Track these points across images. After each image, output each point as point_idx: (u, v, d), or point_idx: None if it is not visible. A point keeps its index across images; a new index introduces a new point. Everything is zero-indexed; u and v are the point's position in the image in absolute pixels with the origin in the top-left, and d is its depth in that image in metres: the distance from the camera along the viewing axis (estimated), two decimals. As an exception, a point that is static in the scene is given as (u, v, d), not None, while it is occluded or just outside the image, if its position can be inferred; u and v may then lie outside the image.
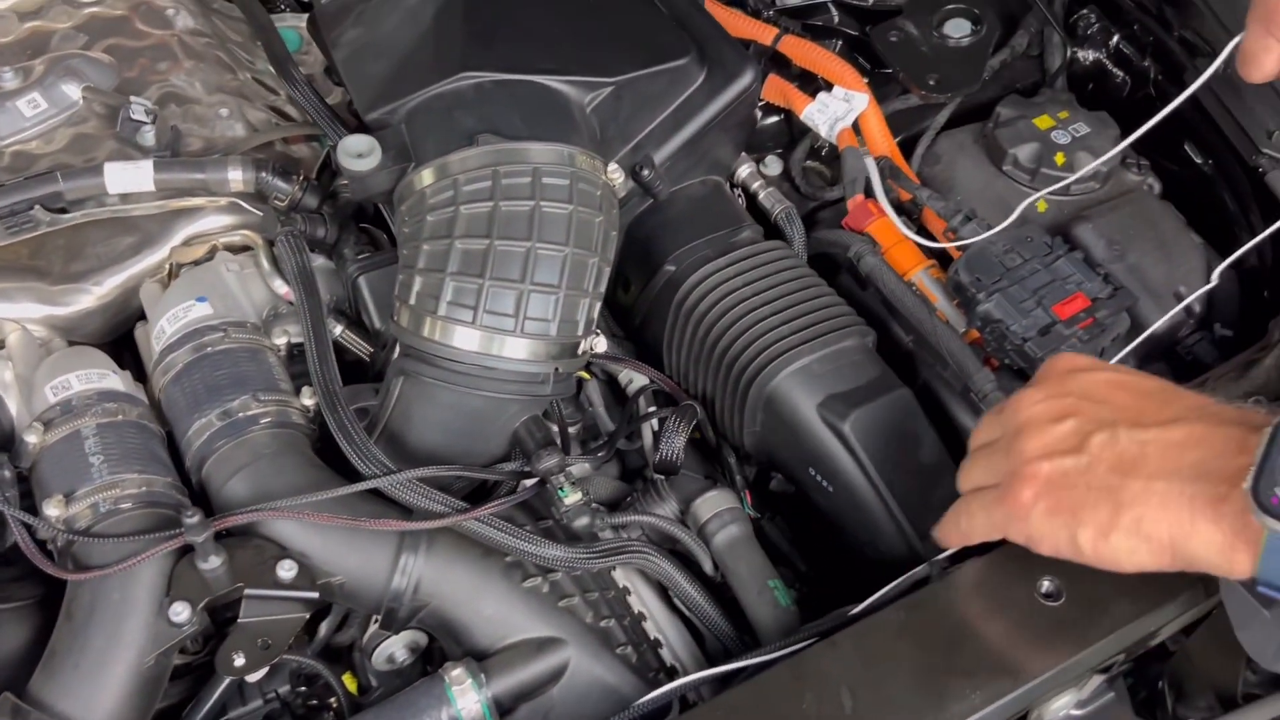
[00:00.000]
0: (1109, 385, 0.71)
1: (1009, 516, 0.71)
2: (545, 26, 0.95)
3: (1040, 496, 0.69)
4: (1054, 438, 0.69)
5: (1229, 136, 1.03)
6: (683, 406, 0.98)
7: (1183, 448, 0.65)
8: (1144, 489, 0.65)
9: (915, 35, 1.17)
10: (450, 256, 0.83)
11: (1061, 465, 0.68)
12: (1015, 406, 0.73)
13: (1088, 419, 0.69)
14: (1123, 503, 0.66)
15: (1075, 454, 0.68)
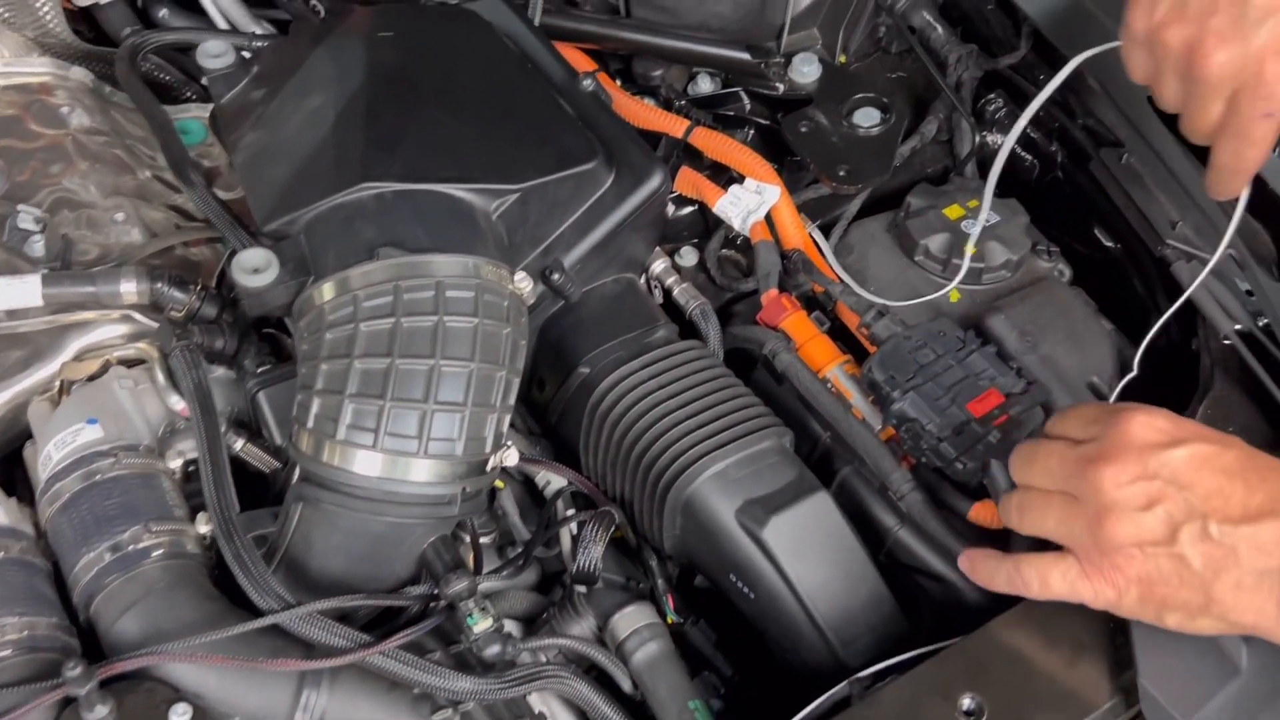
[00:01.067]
0: (1193, 465, 0.72)
1: (1096, 594, 0.74)
2: (449, 131, 0.93)
3: (1132, 584, 0.73)
4: (1143, 527, 0.71)
5: (1134, 226, 1.04)
6: (600, 513, 0.96)
7: (1274, 547, 0.69)
8: (1234, 587, 0.70)
9: (825, 125, 1.17)
10: (349, 377, 0.80)
11: (1154, 558, 0.71)
12: (1098, 481, 0.73)
13: (1176, 508, 0.71)
14: (1212, 598, 0.71)
15: (1166, 545, 0.71)
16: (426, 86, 0.96)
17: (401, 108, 0.94)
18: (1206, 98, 0.84)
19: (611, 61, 1.27)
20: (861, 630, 0.90)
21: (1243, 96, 0.82)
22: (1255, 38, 0.80)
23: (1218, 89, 0.82)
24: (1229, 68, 0.81)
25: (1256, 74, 0.80)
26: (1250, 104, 0.81)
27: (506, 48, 1.03)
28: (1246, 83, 0.81)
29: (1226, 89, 0.82)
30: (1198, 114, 0.85)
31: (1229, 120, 0.83)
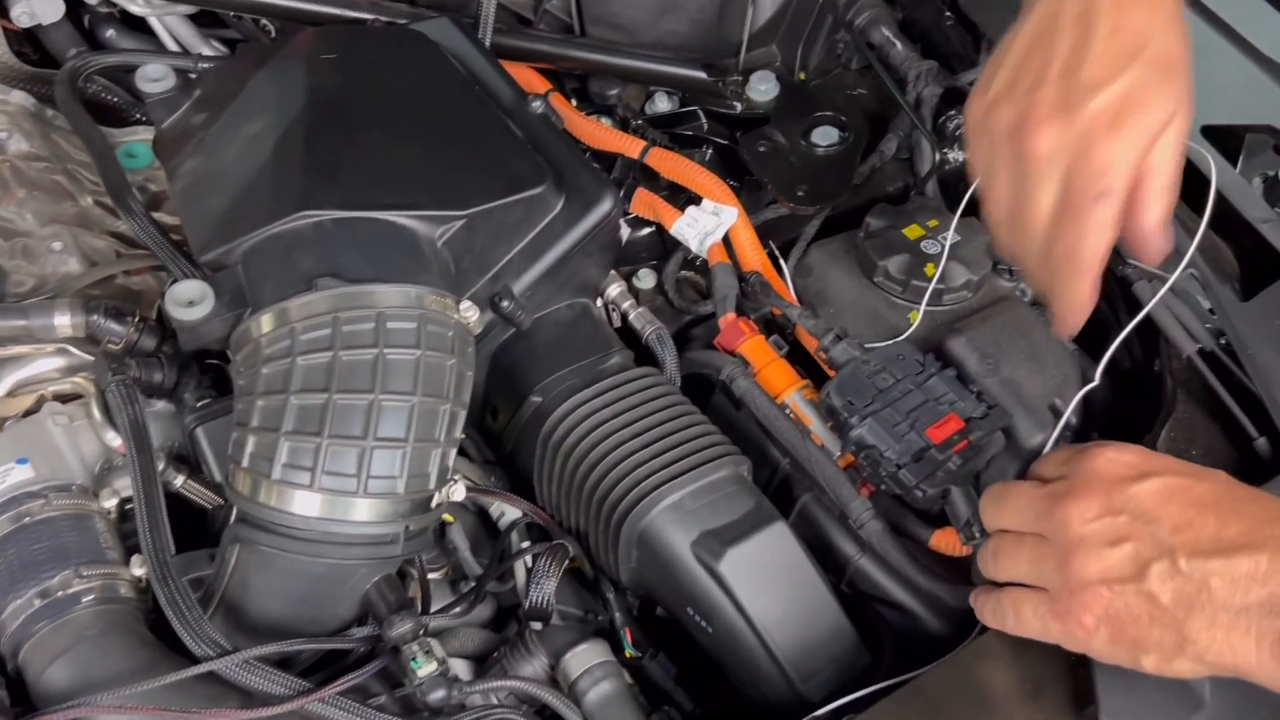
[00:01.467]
0: (1160, 497, 0.69)
1: (1067, 634, 0.71)
2: (393, 157, 0.90)
3: (1101, 623, 0.69)
4: (1111, 563, 0.69)
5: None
6: (552, 546, 0.93)
7: (1249, 582, 0.65)
8: (1208, 625, 0.66)
9: (783, 144, 1.15)
10: (285, 414, 0.78)
11: (1122, 595, 0.68)
12: (1064, 518, 0.71)
13: (1144, 544, 0.68)
14: (1186, 638, 0.67)
15: (1135, 582, 0.68)
16: (370, 110, 0.94)
17: (343, 133, 0.91)
18: (1036, 180, 0.74)
19: (567, 81, 1.25)
20: (822, 663, 0.87)
21: (1073, 176, 0.73)
22: (1084, 111, 0.72)
23: (1046, 170, 0.73)
24: (1054, 143, 0.73)
25: (1085, 150, 0.72)
26: (1081, 183, 0.72)
27: (454, 70, 1.01)
28: (1075, 161, 0.72)
29: (1056, 169, 0.73)
30: (1029, 205, 0.75)
31: (1063, 207, 0.74)
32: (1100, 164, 0.72)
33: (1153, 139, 0.72)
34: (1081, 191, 0.72)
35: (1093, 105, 0.72)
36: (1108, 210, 0.72)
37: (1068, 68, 0.73)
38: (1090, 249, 0.74)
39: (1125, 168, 0.72)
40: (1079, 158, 0.72)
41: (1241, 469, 0.91)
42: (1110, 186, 0.72)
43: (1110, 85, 0.72)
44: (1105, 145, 0.72)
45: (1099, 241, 0.73)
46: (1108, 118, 0.72)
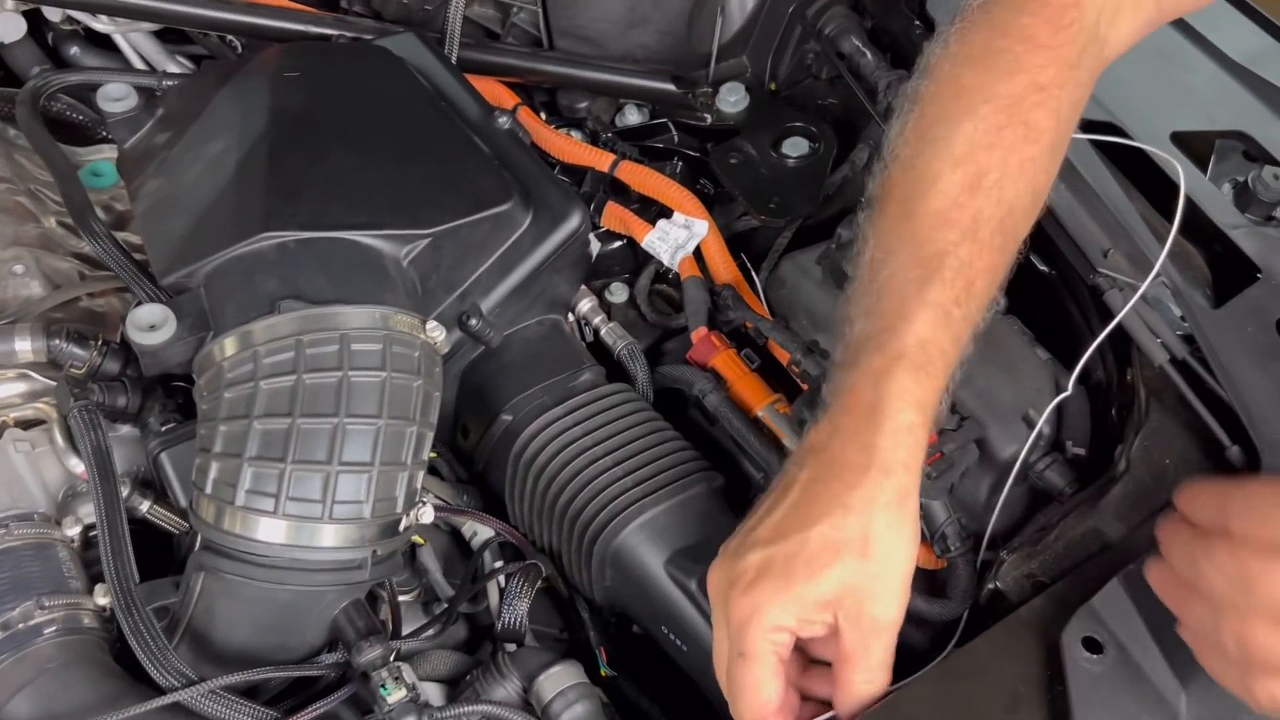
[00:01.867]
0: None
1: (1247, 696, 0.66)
2: (357, 175, 0.89)
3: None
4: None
5: (1067, 255, 1.02)
6: (525, 566, 0.93)
7: None
8: None
9: (754, 156, 1.15)
10: (248, 439, 0.76)
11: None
12: (1257, 587, 0.64)
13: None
14: None
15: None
16: (333, 128, 0.93)
17: (306, 152, 0.90)
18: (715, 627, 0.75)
19: (537, 94, 1.24)
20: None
21: (726, 635, 0.73)
22: (735, 566, 0.73)
23: (717, 614, 0.74)
24: (714, 589, 0.74)
25: (728, 603, 0.72)
26: (730, 633, 0.72)
27: (420, 86, 1.00)
28: (725, 612, 0.73)
29: (719, 617, 0.74)
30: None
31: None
32: (734, 620, 0.72)
33: (801, 609, 0.70)
34: (729, 649, 0.73)
35: (744, 560, 0.72)
36: (744, 672, 0.71)
37: (753, 524, 0.74)
38: (742, 707, 0.72)
39: (759, 628, 0.70)
40: (722, 612, 0.73)
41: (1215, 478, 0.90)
42: (740, 648, 0.71)
43: (764, 546, 0.72)
44: (738, 601, 0.71)
45: (748, 703, 0.72)
46: (750, 574, 0.71)
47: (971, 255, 0.77)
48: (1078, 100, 0.84)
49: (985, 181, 0.78)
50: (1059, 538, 0.87)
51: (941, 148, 0.79)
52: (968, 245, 0.77)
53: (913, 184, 0.79)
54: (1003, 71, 0.80)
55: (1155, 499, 0.89)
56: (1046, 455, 0.97)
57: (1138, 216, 1.03)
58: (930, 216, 0.78)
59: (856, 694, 0.72)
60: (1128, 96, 1.15)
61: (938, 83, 0.82)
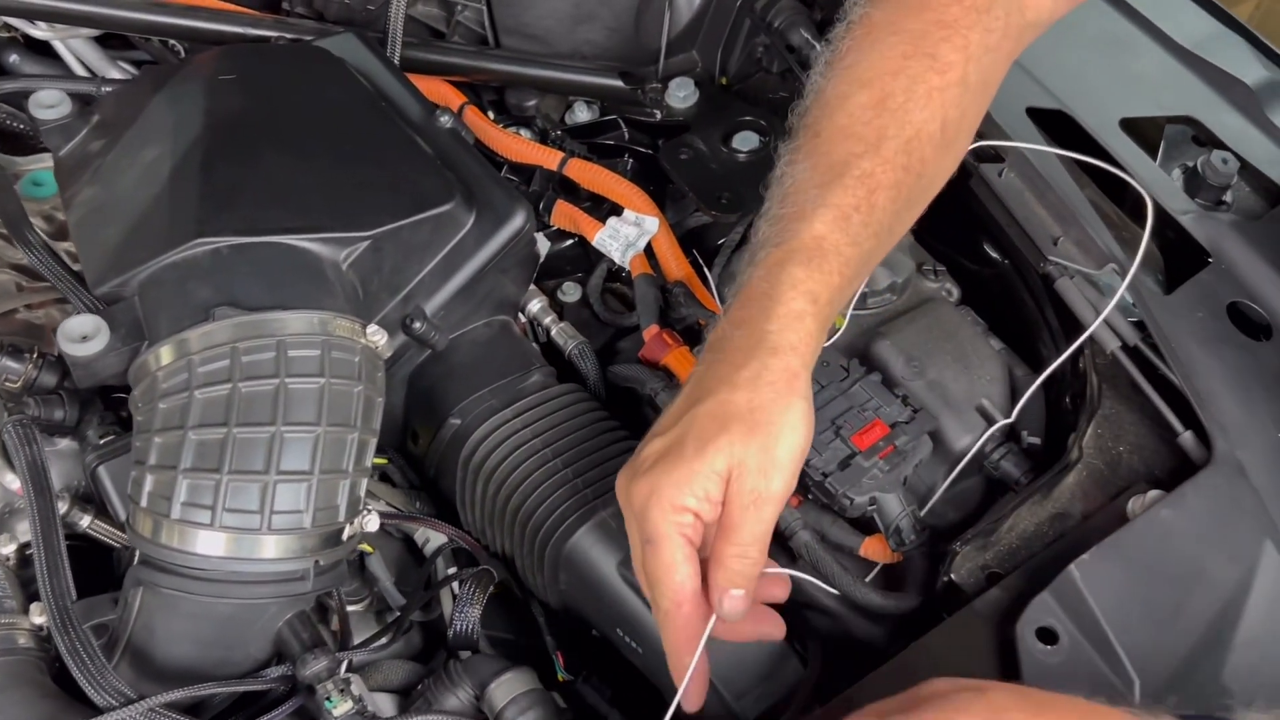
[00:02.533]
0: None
1: None
2: (294, 178, 0.88)
3: None
4: None
5: (1017, 244, 1.02)
6: (477, 572, 0.91)
7: None
8: None
9: (704, 151, 1.14)
10: (184, 450, 0.75)
11: None
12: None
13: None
14: None
15: None
16: (270, 131, 0.91)
17: (241, 156, 0.88)
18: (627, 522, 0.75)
19: (485, 93, 1.23)
20: (753, 680, 0.86)
21: (635, 520, 0.74)
22: (637, 459, 0.74)
23: (628, 515, 0.75)
24: (620, 490, 0.75)
25: (630, 493, 0.73)
26: (635, 527, 0.74)
27: (360, 86, 0.98)
28: (631, 504, 0.73)
29: (630, 515, 0.74)
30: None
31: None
32: (636, 507, 0.72)
33: (698, 485, 0.70)
34: (637, 540, 0.73)
35: (642, 452, 0.73)
36: (654, 558, 0.71)
37: (650, 433, 0.75)
38: (659, 595, 0.72)
39: (660, 509, 0.70)
40: (627, 504, 0.74)
41: (1169, 464, 0.90)
42: (646, 534, 0.71)
43: (660, 434, 0.73)
44: (636, 487, 0.72)
45: (664, 586, 0.72)
46: (648, 462, 0.72)
47: (874, 167, 0.78)
48: (992, 48, 0.84)
49: (890, 103, 0.79)
50: (1013, 528, 0.86)
51: (849, 74, 0.82)
52: (870, 158, 0.78)
53: (820, 107, 0.82)
54: (911, 8, 0.83)
55: (1109, 486, 0.89)
56: (1002, 445, 0.97)
57: (1087, 203, 1.03)
58: (835, 131, 0.80)
59: (729, 569, 0.72)
60: (1077, 83, 1.15)
61: (850, 23, 0.86)
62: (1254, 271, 1.01)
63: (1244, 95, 1.15)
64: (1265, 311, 0.97)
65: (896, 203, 0.80)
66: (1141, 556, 0.81)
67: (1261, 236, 1.04)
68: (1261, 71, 1.19)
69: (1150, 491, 0.86)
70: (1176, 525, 0.83)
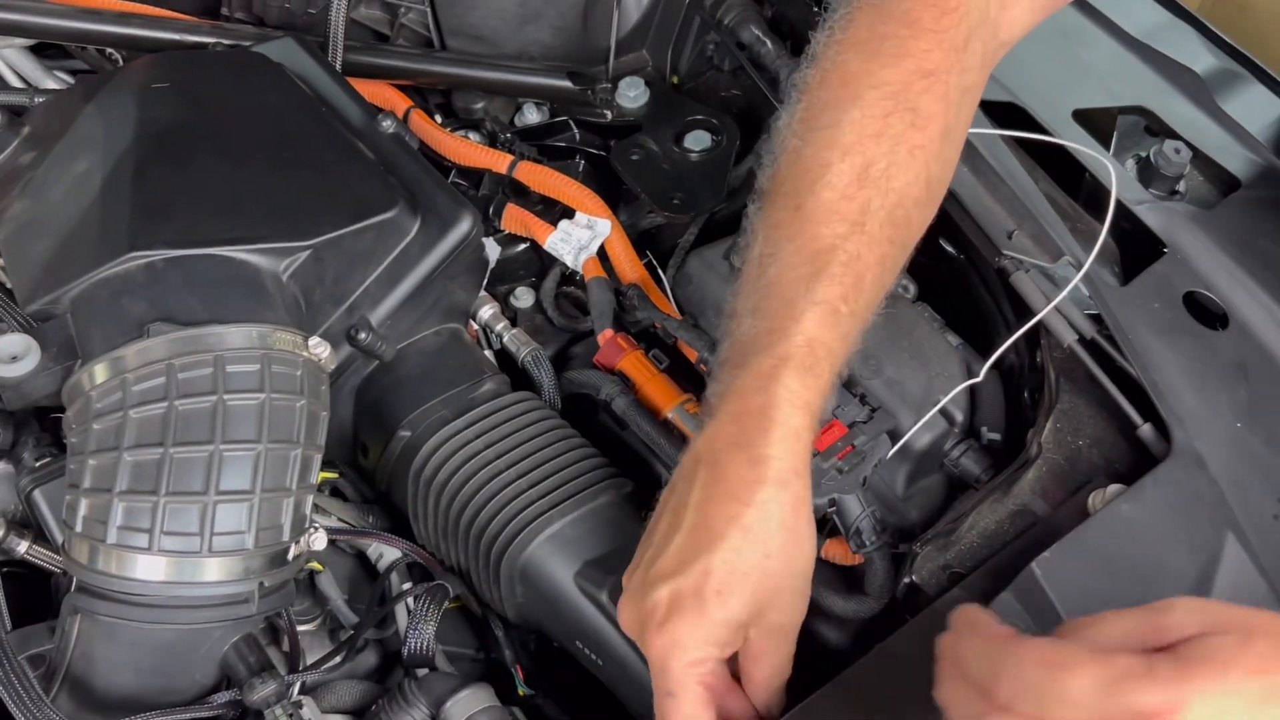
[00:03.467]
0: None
1: None
2: (230, 188, 0.85)
3: None
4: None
5: (972, 238, 1.01)
6: (431, 587, 0.89)
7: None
8: None
9: (656, 151, 1.12)
10: (119, 472, 0.72)
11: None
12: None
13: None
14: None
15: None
16: (205, 140, 0.89)
17: (175, 166, 0.86)
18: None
19: (432, 96, 1.20)
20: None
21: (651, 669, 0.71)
22: (645, 601, 0.71)
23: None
24: (628, 629, 0.73)
25: (646, 643, 0.71)
26: (654, 678, 0.71)
27: (299, 92, 0.96)
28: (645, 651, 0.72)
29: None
30: None
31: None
32: (655, 658, 0.70)
33: (718, 637, 0.69)
34: (655, 687, 0.71)
35: (652, 595, 0.70)
36: (673, 710, 0.69)
37: (653, 554, 0.72)
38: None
39: (681, 663, 0.69)
40: (648, 648, 0.71)
41: (1129, 457, 0.89)
42: (667, 687, 0.69)
43: (671, 579, 0.69)
44: (655, 639, 0.69)
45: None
46: (663, 609, 0.69)
47: (860, 249, 0.75)
48: (970, 86, 0.82)
49: (873, 171, 0.76)
50: (973, 527, 0.85)
51: (828, 137, 0.77)
52: (856, 238, 0.75)
53: (800, 176, 0.77)
54: (888, 57, 0.78)
55: (1069, 481, 0.88)
56: (961, 442, 0.96)
57: (1041, 196, 1.02)
58: (818, 209, 0.75)
59: (766, 686, 0.73)
60: (1028, 76, 1.14)
61: (824, 70, 0.80)
62: (1209, 260, 1.00)
63: (1195, 84, 1.15)
64: (1221, 300, 0.97)
65: (882, 278, 0.78)
66: (1103, 551, 0.80)
67: (1216, 225, 1.03)
68: (1211, 60, 1.20)
69: (1110, 486, 0.85)
70: (1137, 519, 0.82)
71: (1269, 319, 0.96)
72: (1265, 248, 1.02)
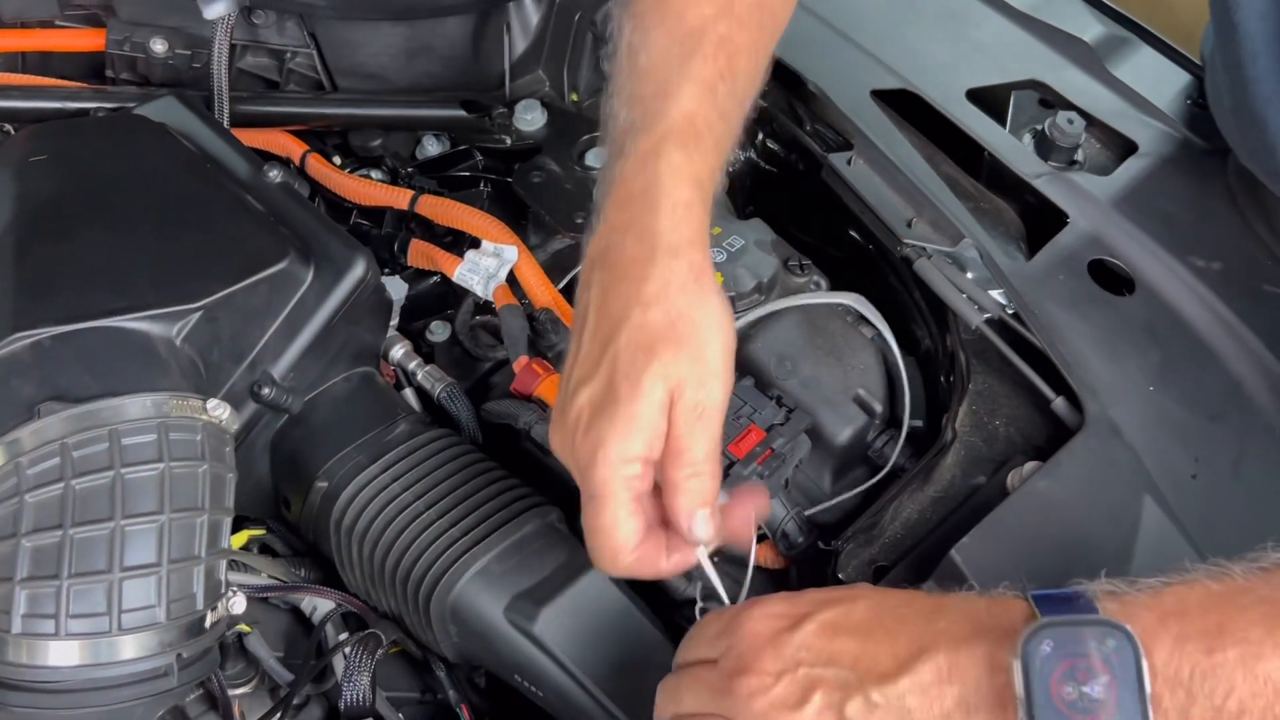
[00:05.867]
0: (825, 637, 0.63)
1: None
2: (114, 257, 0.84)
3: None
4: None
5: (873, 229, 1.01)
6: (363, 636, 0.88)
7: (940, 687, 0.60)
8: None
9: (558, 172, 1.12)
10: (18, 560, 0.71)
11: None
12: (746, 695, 0.62)
13: (832, 689, 0.61)
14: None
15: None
16: (87, 209, 0.87)
17: (57, 239, 0.84)
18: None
19: (329, 138, 1.19)
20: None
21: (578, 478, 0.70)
22: (569, 412, 0.69)
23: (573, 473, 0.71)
24: (558, 451, 0.71)
25: (572, 452, 0.69)
26: (581, 485, 0.69)
27: (182, 150, 0.94)
28: (572, 464, 0.70)
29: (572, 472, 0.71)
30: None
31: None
32: (582, 466, 0.68)
33: (642, 426, 0.66)
34: (584, 494, 0.69)
35: (575, 405, 0.68)
36: (595, 514, 0.67)
37: (568, 370, 0.70)
38: (602, 552, 0.69)
39: (605, 464, 0.66)
40: (572, 462, 0.69)
41: (1046, 432, 0.90)
42: (590, 490, 0.67)
43: (587, 382, 0.68)
44: (581, 447, 0.67)
45: (607, 543, 0.68)
46: (586, 415, 0.67)
47: (730, 30, 0.74)
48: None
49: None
50: (895, 518, 0.85)
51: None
52: (725, 20, 0.75)
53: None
54: None
55: (989, 462, 0.89)
56: (884, 433, 0.96)
57: (938, 179, 1.03)
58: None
59: (688, 491, 0.68)
60: (919, 60, 1.15)
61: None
62: (1111, 227, 1.01)
63: (1085, 53, 1.16)
64: (1126, 265, 0.98)
65: (755, 66, 0.77)
66: (1022, 530, 0.80)
67: (1115, 191, 1.04)
68: (1099, 28, 1.21)
69: (1027, 464, 0.85)
70: (1055, 494, 0.82)
71: (1174, 279, 0.97)
72: (1164, 208, 1.03)
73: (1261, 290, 0.96)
